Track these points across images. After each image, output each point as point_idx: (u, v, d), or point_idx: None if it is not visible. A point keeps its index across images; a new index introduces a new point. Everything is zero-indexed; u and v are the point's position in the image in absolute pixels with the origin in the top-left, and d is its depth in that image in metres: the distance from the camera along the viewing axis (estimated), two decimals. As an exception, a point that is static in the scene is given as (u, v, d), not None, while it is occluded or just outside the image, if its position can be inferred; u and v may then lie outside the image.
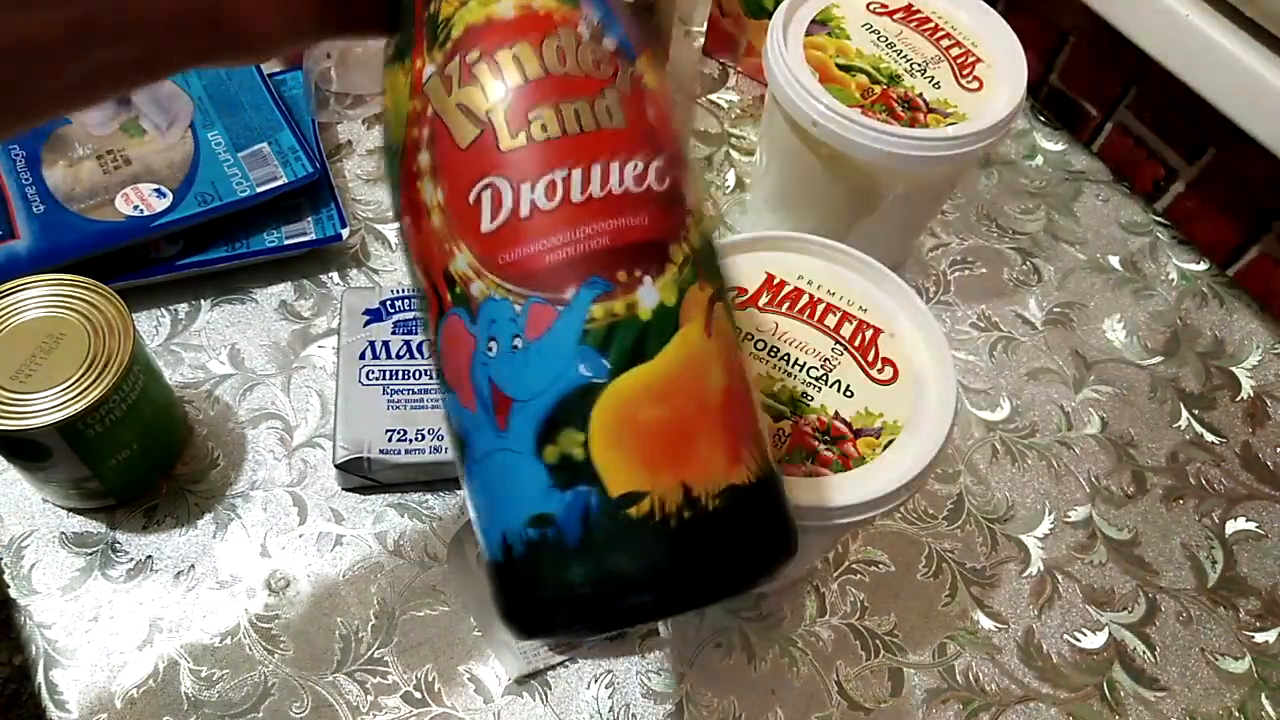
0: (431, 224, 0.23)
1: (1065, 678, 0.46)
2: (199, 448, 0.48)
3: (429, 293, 0.24)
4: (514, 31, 0.24)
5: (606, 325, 0.22)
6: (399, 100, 0.24)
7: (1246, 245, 0.62)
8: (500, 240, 0.23)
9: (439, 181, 0.23)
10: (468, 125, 0.23)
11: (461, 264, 0.23)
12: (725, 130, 0.66)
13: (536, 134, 0.23)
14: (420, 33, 0.24)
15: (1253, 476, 0.53)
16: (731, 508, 0.23)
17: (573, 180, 0.23)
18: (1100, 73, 0.67)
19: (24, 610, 0.43)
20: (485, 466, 0.23)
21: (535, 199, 0.23)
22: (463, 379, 0.23)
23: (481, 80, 0.23)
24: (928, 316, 0.40)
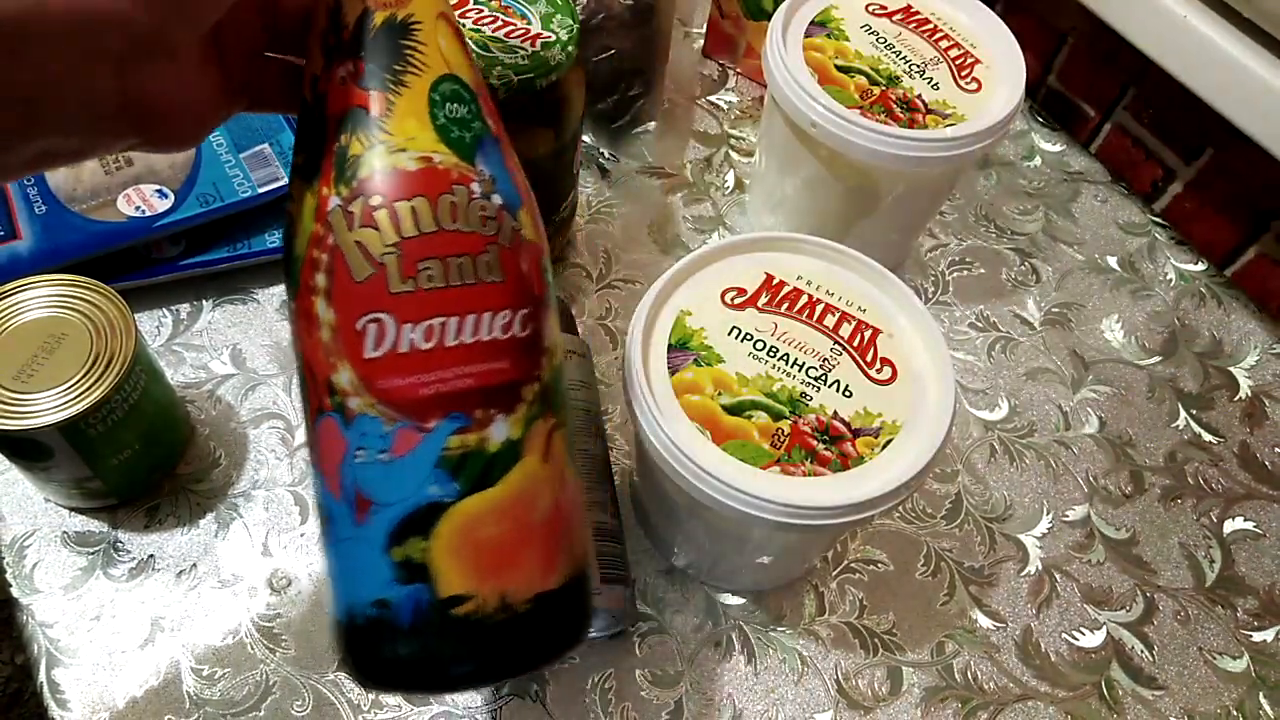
0: (320, 336, 0.26)
1: (1063, 677, 0.46)
2: (201, 447, 0.49)
3: (310, 389, 0.27)
4: (414, 184, 0.27)
5: (459, 454, 0.26)
6: (304, 217, 0.27)
7: (1244, 246, 0.62)
8: (379, 368, 0.26)
9: (331, 304, 0.26)
10: (364, 263, 0.26)
11: (343, 379, 0.26)
12: (725, 131, 0.66)
13: (423, 283, 0.26)
14: (329, 162, 0.27)
15: (1250, 476, 0.53)
16: (538, 610, 0.28)
17: (449, 327, 0.26)
18: (1098, 74, 0.67)
19: (26, 609, 0.43)
20: (342, 548, 0.27)
21: (414, 338, 0.26)
22: (332, 472, 0.27)
23: (380, 226, 0.26)
24: (926, 317, 0.40)
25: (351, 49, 0.27)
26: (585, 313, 0.56)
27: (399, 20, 0.28)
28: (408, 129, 0.27)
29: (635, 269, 0.58)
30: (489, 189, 0.28)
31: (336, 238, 0.26)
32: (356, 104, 0.27)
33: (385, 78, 0.27)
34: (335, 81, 0.27)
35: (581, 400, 0.46)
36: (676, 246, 0.60)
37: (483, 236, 0.28)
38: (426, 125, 0.28)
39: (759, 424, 0.37)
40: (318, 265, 0.26)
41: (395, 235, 0.26)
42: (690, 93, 0.68)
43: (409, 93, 0.28)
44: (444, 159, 0.27)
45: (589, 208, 0.61)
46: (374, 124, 0.27)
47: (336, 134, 0.27)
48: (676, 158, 0.64)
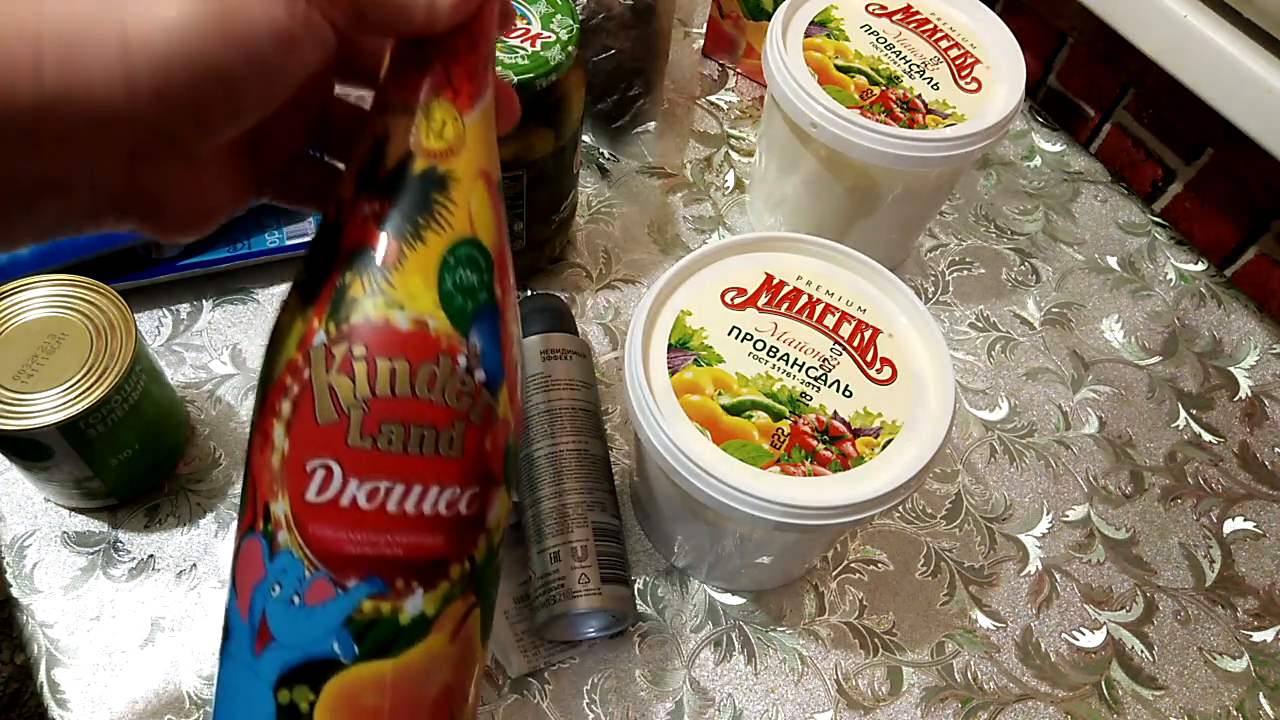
0: (270, 459, 0.26)
1: (1063, 676, 0.46)
2: (201, 447, 0.49)
3: (248, 502, 0.27)
4: (400, 345, 0.26)
5: (368, 619, 0.26)
6: (288, 339, 0.27)
7: (1244, 246, 0.62)
8: (316, 513, 0.26)
9: (288, 435, 0.26)
10: (329, 408, 0.26)
11: (279, 510, 0.26)
12: (725, 131, 0.66)
13: (381, 444, 0.26)
14: (327, 295, 0.26)
15: (1250, 476, 0.53)
16: None
17: (393, 493, 0.26)
18: (1098, 73, 0.67)
19: (26, 609, 0.43)
20: (234, 669, 0.27)
21: (358, 495, 0.26)
22: (245, 593, 0.27)
23: (355, 377, 0.26)
24: (926, 317, 0.40)
25: (384, 188, 0.27)
26: (585, 313, 0.56)
27: (438, 173, 0.27)
28: (412, 286, 0.27)
29: (635, 269, 0.58)
30: (474, 364, 0.28)
31: (312, 373, 0.26)
32: (370, 245, 0.27)
33: (406, 228, 0.27)
34: (358, 214, 0.27)
35: (582, 400, 0.46)
36: (676, 246, 0.60)
37: (453, 411, 0.27)
38: (431, 287, 0.27)
39: (759, 424, 0.37)
40: (286, 392, 0.26)
41: (367, 391, 0.26)
42: (690, 93, 0.68)
43: (425, 250, 0.27)
44: (438, 326, 0.27)
45: (589, 208, 0.61)
46: (380, 272, 0.27)
47: (343, 269, 0.27)
48: (676, 158, 0.64)
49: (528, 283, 0.57)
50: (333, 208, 0.27)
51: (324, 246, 0.27)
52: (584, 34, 0.50)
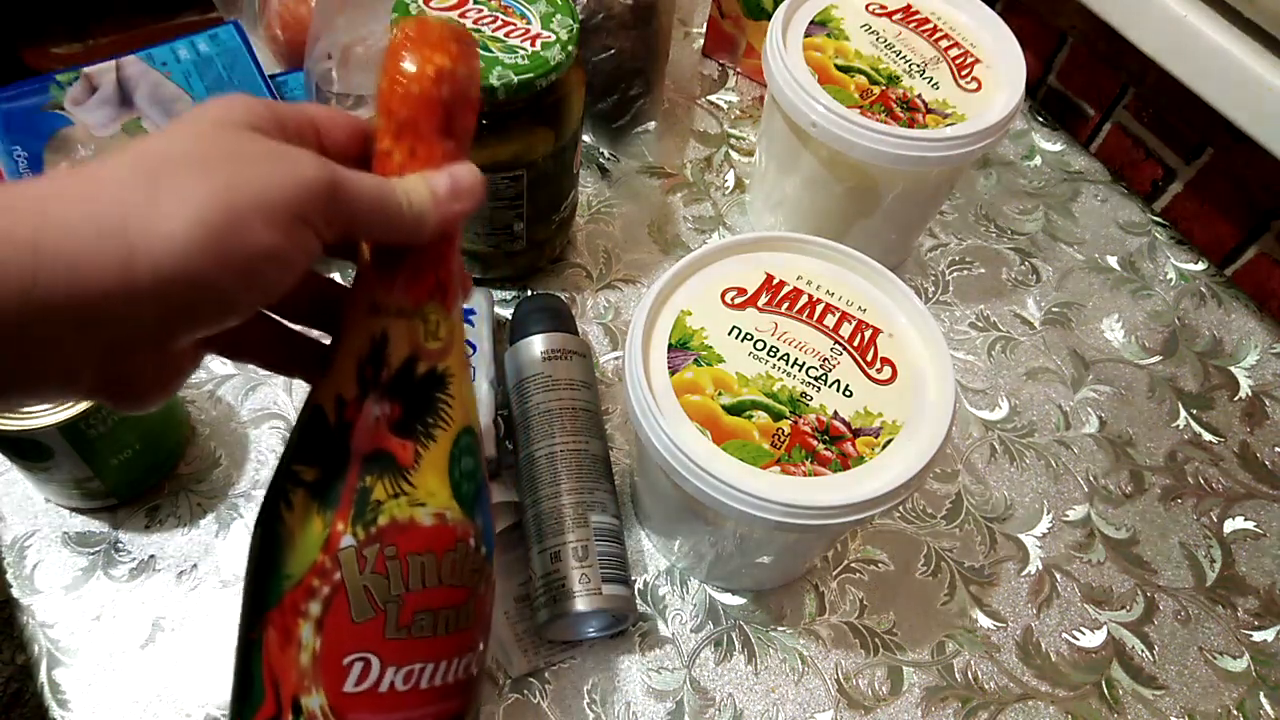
0: (298, 658, 0.27)
1: (1064, 676, 0.46)
2: (201, 448, 0.49)
3: (268, 697, 0.27)
4: (427, 540, 0.28)
5: None
6: (307, 540, 0.27)
7: (1245, 245, 0.62)
8: (356, 703, 0.27)
9: (320, 633, 0.27)
10: (366, 606, 0.27)
11: (314, 704, 0.27)
12: (725, 131, 0.66)
13: (415, 632, 0.28)
14: (349, 498, 0.27)
15: (1251, 476, 0.53)
16: None
17: (425, 671, 0.28)
18: (1098, 73, 0.67)
19: (27, 609, 0.43)
20: None
21: (395, 681, 0.27)
22: None
23: (390, 576, 0.28)
24: (926, 316, 0.40)
25: (392, 391, 0.28)
26: (585, 313, 0.56)
27: (438, 372, 0.29)
28: (429, 484, 0.28)
29: (635, 269, 0.58)
30: (480, 541, 0.30)
31: (344, 575, 0.27)
32: (388, 449, 0.28)
33: (418, 429, 0.28)
34: (367, 416, 0.28)
35: (582, 400, 0.46)
36: (676, 246, 0.60)
37: (469, 589, 0.30)
38: (445, 482, 0.29)
39: (759, 424, 0.37)
40: (314, 594, 0.27)
41: (401, 587, 0.28)
42: (690, 93, 0.68)
43: (435, 447, 0.29)
44: (453, 515, 0.29)
45: (589, 208, 0.61)
46: (401, 474, 0.28)
47: (362, 472, 0.28)
48: (676, 158, 0.64)
49: (528, 283, 0.57)
50: (331, 408, 0.28)
51: (330, 447, 0.28)
52: (584, 34, 0.50)
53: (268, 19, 0.62)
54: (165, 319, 0.23)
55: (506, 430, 0.49)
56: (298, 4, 0.61)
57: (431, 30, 0.29)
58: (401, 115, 0.28)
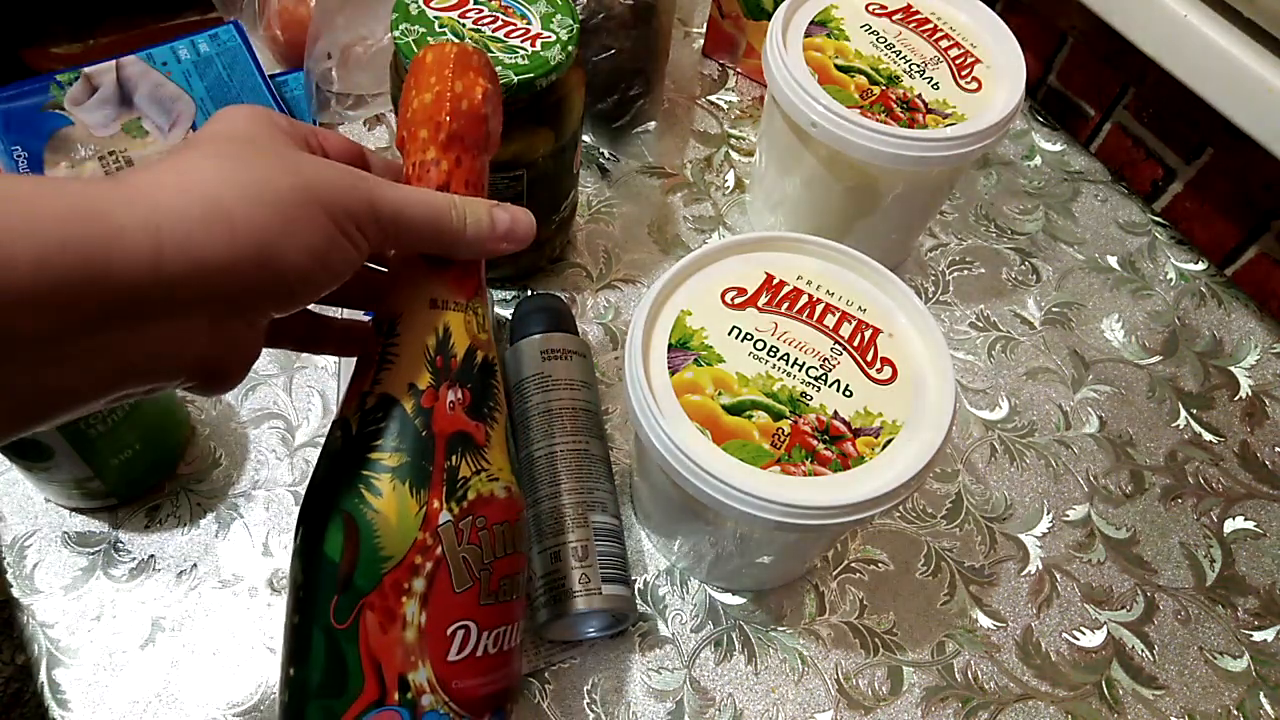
0: (404, 634, 0.29)
1: (1064, 676, 0.46)
2: (201, 447, 0.49)
3: (369, 681, 0.29)
4: (504, 511, 0.31)
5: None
6: (405, 520, 0.29)
7: (1245, 245, 0.62)
8: (458, 670, 0.29)
9: (426, 608, 0.29)
10: (465, 576, 0.30)
11: (420, 678, 0.29)
12: (725, 131, 0.66)
13: (502, 597, 0.31)
14: (439, 478, 0.30)
15: (1251, 475, 0.53)
16: None
17: (506, 634, 0.31)
18: (1099, 73, 0.67)
19: (27, 609, 0.43)
20: None
21: (487, 645, 0.30)
22: None
23: (482, 545, 0.30)
24: (926, 316, 0.40)
25: (461, 378, 0.31)
26: (585, 313, 0.56)
27: (489, 361, 0.32)
28: (498, 461, 0.32)
29: (635, 269, 0.58)
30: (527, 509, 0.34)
31: (445, 550, 0.29)
32: (467, 431, 0.31)
33: (485, 412, 0.32)
34: (444, 403, 0.31)
35: (582, 400, 0.46)
36: (676, 246, 0.60)
37: (526, 555, 0.33)
38: (506, 458, 0.32)
39: (759, 424, 0.37)
40: (417, 570, 0.29)
41: (491, 555, 0.30)
42: (690, 93, 0.68)
43: (497, 427, 0.32)
44: (515, 489, 0.32)
45: (589, 208, 0.61)
46: (480, 453, 0.31)
47: (447, 454, 0.30)
48: (676, 158, 0.64)
49: (528, 283, 0.57)
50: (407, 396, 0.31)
51: (413, 434, 0.30)
52: (584, 34, 0.50)
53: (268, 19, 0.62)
54: (257, 294, 0.26)
55: (506, 430, 0.49)
56: (298, 4, 0.61)
57: (472, 56, 0.33)
58: (453, 129, 0.32)
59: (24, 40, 0.62)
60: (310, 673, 0.29)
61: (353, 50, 0.61)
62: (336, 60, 0.61)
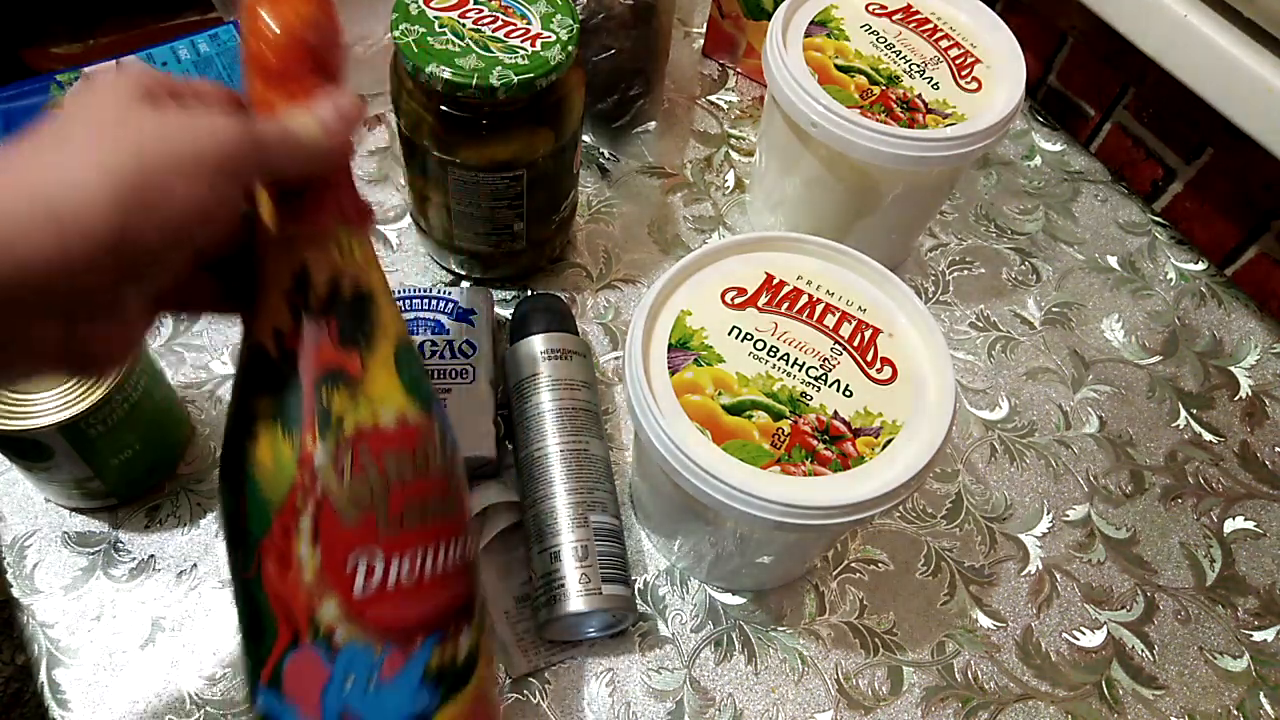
0: (301, 576, 0.28)
1: (1064, 676, 0.46)
2: (201, 447, 0.49)
3: (281, 625, 0.29)
4: (394, 440, 0.30)
5: (438, 669, 0.30)
6: (280, 464, 0.29)
7: (1245, 245, 0.62)
8: (370, 602, 0.28)
9: (318, 545, 0.28)
10: (353, 510, 0.29)
11: (329, 614, 0.28)
12: (725, 131, 0.66)
13: (407, 524, 0.30)
14: (311, 418, 0.29)
15: (1251, 475, 0.53)
16: None
17: (427, 560, 0.30)
18: (1099, 73, 0.67)
19: (27, 609, 0.43)
20: None
21: (400, 573, 0.29)
22: (312, 703, 0.28)
23: (370, 477, 0.29)
24: (926, 316, 0.40)
25: (325, 310, 0.30)
26: (585, 312, 0.56)
27: (363, 290, 0.31)
28: (382, 390, 0.30)
29: (635, 269, 0.58)
30: (444, 435, 0.32)
31: (324, 487, 0.28)
32: (336, 364, 0.30)
33: (359, 340, 0.30)
34: (308, 339, 0.30)
35: (582, 400, 0.46)
36: (676, 246, 0.60)
37: (444, 479, 0.31)
38: (397, 386, 0.31)
39: (759, 424, 0.37)
40: (300, 511, 0.28)
41: (383, 485, 0.29)
42: (690, 93, 0.68)
43: (379, 355, 0.30)
44: (413, 415, 0.30)
45: (589, 208, 0.61)
46: (354, 383, 0.30)
47: (316, 391, 0.29)
48: (676, 158, 0.64)
49: (528, 283, 0.57)
50: (270, 341, 0.30)
51: (277, 376, 0.29)
52: (584, 34, 0.50)
53: (268, 19, 0.62)
54: (108, 282, 0.24)
55: (506, 430, 0.49)
56: (298, 4, 0.61)
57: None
58: (275, 66, 0.30)
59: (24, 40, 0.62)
60: (241, 626, 0.30)
61: (353, 50, 0.61)
62: (336, 60, 0.61)
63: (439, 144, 0.46)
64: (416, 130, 0.47)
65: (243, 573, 0.29)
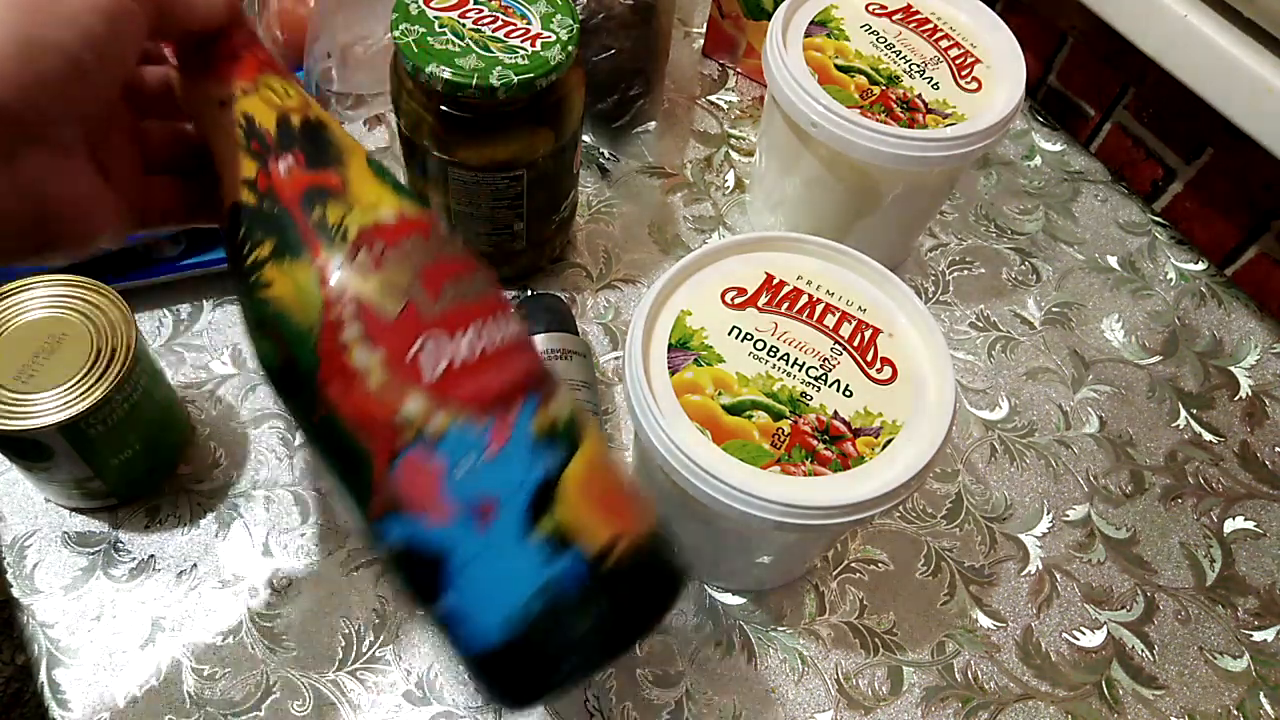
0: (368, 385, 0.27)
1: (1064, 676, 0.46)
2: (201, 447, 0.49)
3: (371, 447, 0.28)
4: (402, 231, 0.29)
5: (548, 426, 0.29)
6: (301, 290, 0.28)
7: (1245, 245, 0.62)
8: (448, 383, 0.28)
9: (372, 349, 0.27)
10: (391, 302, 0.28)
11: (414, 408, 0.27)
12: (725, 131, 0.66)
13: (451, 301, 0.29)
14: (311, 240, 0.28)
15: (1251, 475, 0.53)
16: (659, 544, 0.30)
17: (485, 331, 0.29)
18: (1099, 73, 0.67)
19: (27, 609, 0.43)
20: (471, 570, 0.28)
21: (465, 348, 0.28)
22: (433, 501, 0.27)
23: (395, 266, 0.28)
24: (927, 316, 0.40)
25: (284, 145, 0.30)
26: (585, 312, 0.56)
27: (313, 119, 0.31)
28: (370, 195, 0.30)
29: (635, 269, 0.58)
30: (446, 226, 0.31)
31: (353, 292, 0.28)
32: (316, 184, 0.29)
33: (328, 160, 0.30)
34: (278, 175, 0.29)
35: (581, 400, 0.46)
36: (676, 246, 0.60)
37: (466, 260, 0.31)
38: (383, 188, 0.30)
39: (759, 424, 0.37)
40: (341, 324, 0.28)
41: (410, 270, 0.28)
42: (690, 93, 0.68)
43: (353, 168, 0.30)
44: (411, 211, 0.30)
45: (589, 208, 0.61)
46: (340, 195, 0.29)
47: (306, 213, 0.29)
48: (676, 158, 0.64)
49: (528, 283, 0.57)
50: (244, 192, 0.30)
51: (265, 218, 0.29)
52: (584, 34, 0.50)
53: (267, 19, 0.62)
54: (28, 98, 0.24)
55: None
56: (297, 4, 0.61)
57: None
58: None
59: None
60: (334, 475, 0.29)
61: (353, 50, 0.61)
62: (336, 60, 0.61)
63: (439, 144, 0.46)
64: (416, 130, 0.47)
65: (310, 416, 0.28)
